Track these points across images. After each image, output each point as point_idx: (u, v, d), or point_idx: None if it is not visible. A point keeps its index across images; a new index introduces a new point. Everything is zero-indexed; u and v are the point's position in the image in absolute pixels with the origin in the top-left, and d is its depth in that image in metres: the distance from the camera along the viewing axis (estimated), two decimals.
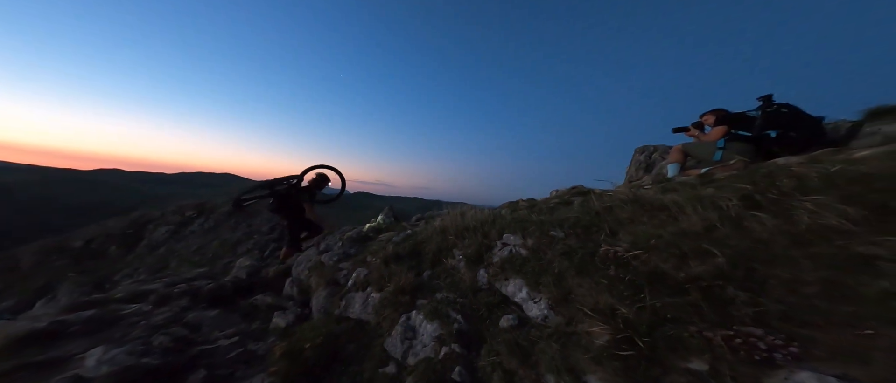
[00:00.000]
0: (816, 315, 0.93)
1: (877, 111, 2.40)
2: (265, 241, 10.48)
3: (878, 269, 0.89)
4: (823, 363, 0.84)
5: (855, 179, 1.11)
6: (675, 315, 1.19)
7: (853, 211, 1.01)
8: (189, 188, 57.69)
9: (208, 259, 8.73)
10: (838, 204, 1.05)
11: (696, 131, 3.55)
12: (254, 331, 2.27)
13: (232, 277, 3.13)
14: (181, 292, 2.76)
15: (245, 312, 2.53)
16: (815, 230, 1.07)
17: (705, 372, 1.04)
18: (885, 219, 0.98)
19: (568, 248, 1.96)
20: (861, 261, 0.93)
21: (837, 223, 1.03)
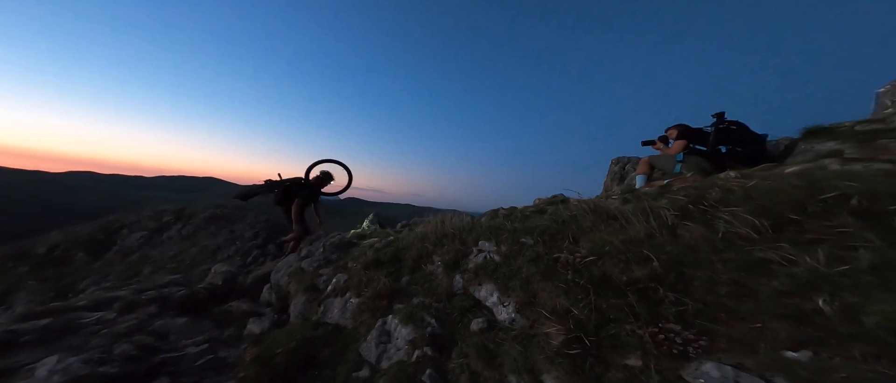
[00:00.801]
0: (724, 311, 1.09)
1: (812, 131, 2.70)
2: (248, 247, 10.20)
3: (772, 271, 1.06)
4: (724, 354, 0.99)
5: (766, 193, 1.30)
6: (617, 315, 1.33)
7: (759, 221, 1.19)
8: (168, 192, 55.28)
9: (185, 266, 8.41)
10: (749, 215, 1.23)
11: (661, 144, 3.83)
12: (226, 338, 2.26)
13: (206, 284, 3.08)
14: (150, 299, 2.69)
15: (218, 319, 2.51)
16: (728, 237, 1.24)
17: (638, 368, 1.17)
18: (781, 229, 1.16)
19: (536, 255, 2.09)
20: (760, 264, 1.10)
21: (745, 231, 1.20)
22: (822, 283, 0.94)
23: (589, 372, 1.27)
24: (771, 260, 1.08)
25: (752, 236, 1.18)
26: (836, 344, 0.83)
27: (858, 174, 1.19)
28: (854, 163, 1.66)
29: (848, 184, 1.08)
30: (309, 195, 4.36)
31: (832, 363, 0.80)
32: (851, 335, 0.82)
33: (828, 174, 1.25)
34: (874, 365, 0.75)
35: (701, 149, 3.08)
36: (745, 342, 0.97)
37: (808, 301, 0.93)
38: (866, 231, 0.97)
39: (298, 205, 4.24)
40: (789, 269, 1.02)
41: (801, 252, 1.03)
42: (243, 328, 2.37)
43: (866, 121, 2.38)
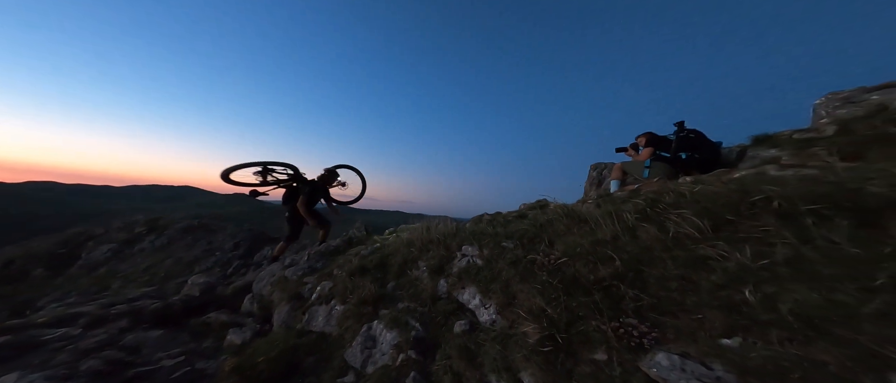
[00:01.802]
0: (673, 305, 1.22)
1: (759, 138, 2.99)
2: (228, 258, 9.81)
3: (710, 267, 1.21)
4: (673, 344, 1.11)
5: (709, 197, 1.46)
6: (585, 313, 1.44)
7: (702, 222, 1.35)
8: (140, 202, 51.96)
9: (159, 279, 7.99)
10: (694, 217, 1.39)
11: (632, 151, 4.08)
12: (204, 350, 2.21)
13: (182, 296, 2.99)
14: (119, 313, 2.59)
15: (195, 331, 2.45)
16: (677, 237, 1.39)
17: (603, 362, 1.28)
18: (720, 228, 1.32)
19: (515, 258, 2.20)
20: (702, 261, 1.25)
21: (691, 232, 1.36)
22: (748, 276, 1.09)
23: (560, 367, 1.37)
24: (710, 256, 1.23)
25: (696, 236, 1.33)
26: (759, 331, 0.97)
27: (783, 179, 1.37)
28: (788, 169, 1.88)
29: (771, 189, 1.25)
30: (313, 192, 4.18)
31: (755, 347, 0.94)
32: (770, 321, 0.96)
33: (758, 179, 1.43)
34: (788, 347, 0.89)
35: (665, 156, 3.33)
36: (688, 332, 1.10)
37: (737, 292, 1.07)
38: (784, 229, 1.13)
39: (303, 202, 4.05)
40: (724, 265, 1.17)
41: (733, 249, 1.18)
42: (223, 339, 2.33)
43: (803, 130, 2.68)
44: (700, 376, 0.97)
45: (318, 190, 4.29)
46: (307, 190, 4.13)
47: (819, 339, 0.84)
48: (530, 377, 1.44)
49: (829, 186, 1.15)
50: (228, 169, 3.71)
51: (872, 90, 3.15)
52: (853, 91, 3.21)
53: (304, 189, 4.14)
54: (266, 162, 3.98)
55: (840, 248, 0.98)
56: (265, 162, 3.98)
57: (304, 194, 4.10)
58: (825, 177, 1.25)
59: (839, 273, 0.93)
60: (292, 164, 4.17)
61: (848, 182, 1.14)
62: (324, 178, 4.42)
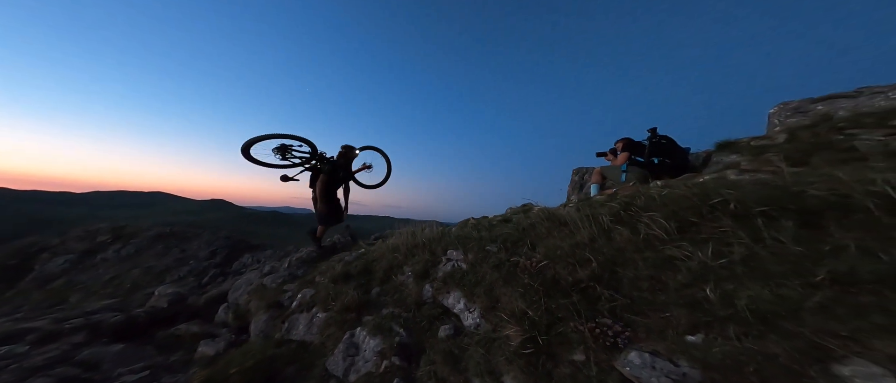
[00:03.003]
0: (645, 304, 1.29)
1: (723, 144, 3.22)
2: (203, 267, 9.29)
3: (676, 266, 1.29)
4: (644, 343, 1.17)
5: (675, 200, 1.56)
6: (564, 314, 1.48)
7: (669, 224, 1.44)
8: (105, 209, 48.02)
9: (125, 290, 7.43)
10: (662, 219, 1.47)
11: (611, 156, 4.27)
12: (173, 364, 2.08)
13: (148, 308, 2.80)
14: (74, 328, 2.39)
15: (163, 344, 2.30)
16: (647, 238, 1.47)
17: (581, 362, 1.32)
18: (684, 230, 1.41)
19: (498, 261, 2.23)
20: (669, 261, 1.33)
21: (659, 233, 1.44)
22: (709, 275, 1.17)
23: (541, 369, 1.40)
24: (676, 256, 1.31)
25: (664, 237, 1.41)
26: (719, 327, 1.04)
27: (739, 183, 1.49)
28: (745, 174, 2.04)
29: (728, 192, 1.36)
30: (333, 170, 3.98)
31: (716, 342, 1.01)
32: (728, 317, 1.03)
33: (718, 183, 1.54)
34: (744, 342, 0.96)
35: (640, 161, 3.51)
36: (658, 330, 1.16)
37: (700, 290, 1.15)
38: (739, 230, 1.22)
39: (322, 180, 3.86)
40: (688, 264, 1.25)
41: (696, 249, 1.27)
42: (194, 352, 2.20)
43: (759, 138, 2.91)
44: (668, 373, 1.02)
45: (338, 168, 4.08)
46: (327, 168, 3.94)
47: (770, 333, 0.91)
48: (513, 380, 1.45)
49: (776, 190, 1.27)
50: (248, 142, 3.53)
51: (817, 101, 3.49)
52: (801, 101, 3.53)
53: (324, 168, 3.94)
54: (284, 135, 3.79)
55: (786, 247, 1.07)
56: (283, 135, 3.78)
57: (325, 172, 3.90)
58: (774, 182, 1.37)
59: (786, 270, 1.02)
60: (310, 140, 3.95)
61: (793, 186, 1.25)
62: (343, 155, 4.21)
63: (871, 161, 1.41)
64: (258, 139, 3.58)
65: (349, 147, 4.25)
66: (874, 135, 1.82)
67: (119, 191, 66.10)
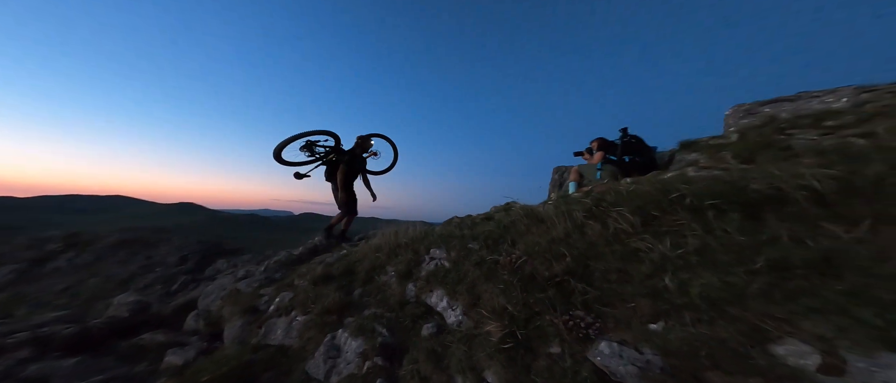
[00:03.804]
0: (614, 296, 1.37)
1: (685, 143, 3.46)
2: (172, 274, 8.71)
3: (640, 258, 1.38)
4: (613, 333, 1.25)
5: (640, 195, 1.67)
6: (541, 308, 1.54)
7: (634, 218, 1.54)
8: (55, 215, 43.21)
9: (82, 301, 6.82)
10: (629, 213, 1.57)
11: (587, 155, 4.45)
12: (136, 375, 1.94)
13: (106, 318, 2.58)
14: (19, 342, 2.16)
15: (125, 356, 2.14)
16: (616, 232, 1.57)
17: (557, 355, 1.38)
18: (648, 223, 1.52)
19: (480, 259, 2.27)
20: (634, 253, 1.42)
21: (626, 227, 1.54)
22: (668, 265, 1.27)
23: (520, 363, 1.44)
24: (640, 249, 1.40)
25: (630, 230, 1.51)
26: (676, 314, 1.13)
27: (694, 179, 1.62)
28: (703, 170, 2.21)
29: (685, 187, 1.47)
30: (352, 160, 4.04)
31: (674, 329, 1.09)
32: (684, 305, 1.12)
33: (677, 180, 1.67)
34: (698, 327, 1.05)
35: (613, 159, 3.70)
36: (625, 320, 1.24)
37: (660, 280, 1.24)
38: (694, 222, 1.34)
39: (343, 171, 3.89)
40: (650, 256, 1.35)
41: (657, 241, 1.37)
42: (160, 361, 2.07)
43: (716, 137, 3.16)
44: (634, 361, 1.10)
45: (356, 158, 4.14)
46: (346, 158, 4.00)
47: (719, 318, 1.00)
48: (494, 375, 1.50)
49: (725, 185, 1.39)
50: (278, 147, 3.65)
51: (765, 103, 3.83)
52: (752, 104, 3.86)
53: (343, 158, 4.00)
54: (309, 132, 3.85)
55: (732, 237, 1.19)
56: (308, 132, 3.85)
57: (344, 163, 3.95)
58: (724, 177, 1.51)
59: (732, 259, 1.13)
60: (333, 132, 4.04)
61: (738, 181, 1.38)
62: (360, 146, 4.26)
63: (803, 158, 1.59)
64: (287, 142, 3.73)
65: (365, 137, 4.30)
66: (808, 134, 2.04)
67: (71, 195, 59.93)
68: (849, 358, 0.70)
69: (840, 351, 0.72)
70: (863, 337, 0.71)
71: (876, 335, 0.70)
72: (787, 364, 0.78)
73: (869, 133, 1.56)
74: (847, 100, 3.15)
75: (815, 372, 0.73)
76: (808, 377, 0.72)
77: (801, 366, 0.76)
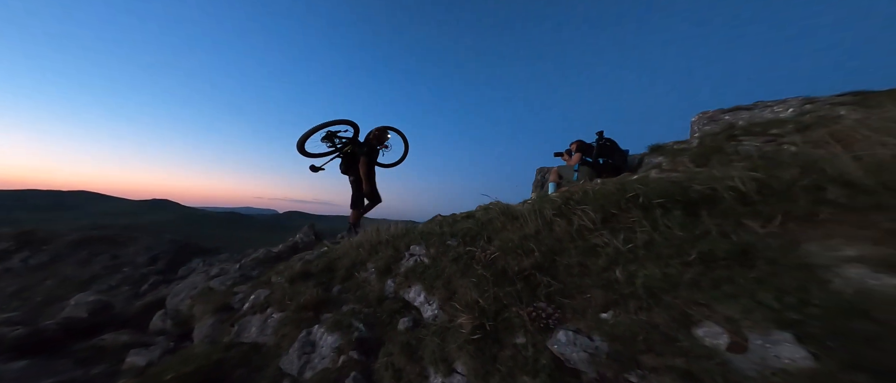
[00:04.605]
0: (574, 288, 1.48)
1: (654, 147, 3.68)
2: (142, 274, 8.25)
3: (598, 253, 1.50)
4: (570, 322, 1.35)
5: (602, 195, 1.80)
6: (509, 301, 1.63)
7: (595, 215, 1.66)
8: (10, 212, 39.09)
9: (35, 304, 6.34)
10: (592, 211, 1.69)
11: (566, 156, 4.63)
12: (94, 377, 1.86)
13: (61, 319, 2.44)
14: None
15: (82, 357, 2.04)
16: (579, 229, 1.68)
17: (522, 345, 1.47)
18: (607, 221, 1.65)
19: (457, 254, 2.34)
20: (593, 248, 1.54)
21: (588, 224, 1.66)
22: (620, 258, 1.39)
23: (487, 353, 1.52)
24: (599, 244, 1.52)
25: (591, 227, 1.63)
26: (623, 303, 1.24)
27: (652, 181, 1.77)
28: (665, 173, 2.39)
29: (640, 188, 1.61)
30: (371, 151, 4.06)
31: (620, 318, 1.20)
32: (629, 294, 1.24)
33: (636, 181, 1.81)
34: (639, 314, 1.16)
35: (589, 161, 3.88)
36: (581, 310, 1.35)
37: (613, 272, 1.36)
38: (644, 219, 1.46)
39: (364, 162, 3.90)
40: (606, 250, 1.47)
41: (613, 237, 1.49)
42: (122, 362, 1.99)
43: (681, 142, 3.39)
44: (585, 347, 1.20)
45: (374, 150, 4.16)
46: (365, 150, 4.00)
47: (656, 306, 1.12)
48: (463, 365, 1.57)
49: (673, 186, 1.53)
50: (301, 139, 3.68)
51: (726, 111, 4.14)
52: (714, 112, 4.17)
53: (362, 150, 3.99)
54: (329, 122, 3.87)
55: (673, 232, 1.32)
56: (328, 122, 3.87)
57: (364, 154, 3.95)
58: (675, 179, 1.65)
59: (672, 251, 1.26)
60: (353, 121, 4.04)
61: (685, 182, 1.53)
62: (377, 138, 4.27)
63: (742, 161, 1.76)
64: (310, 133, 3.75)
65: (382, 130, 4.35)
66: (755, 141, 2.26)
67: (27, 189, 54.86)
68: (750, 337, 0.82)
69: (744, 330, 0.84)
70: (761, 318, 0.83)
71: (772, 316, 0.82)
72: (704, 344, 0.90)
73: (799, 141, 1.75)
74: (792, 110, 3.48)
75: (724, 351, 0.84)
76: (718, 355, 0.84)
77: (714, 346, 0.87)
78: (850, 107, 2.52)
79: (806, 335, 0.74)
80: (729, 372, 0.78)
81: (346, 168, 4.14)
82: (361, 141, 4.23)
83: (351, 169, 4.14)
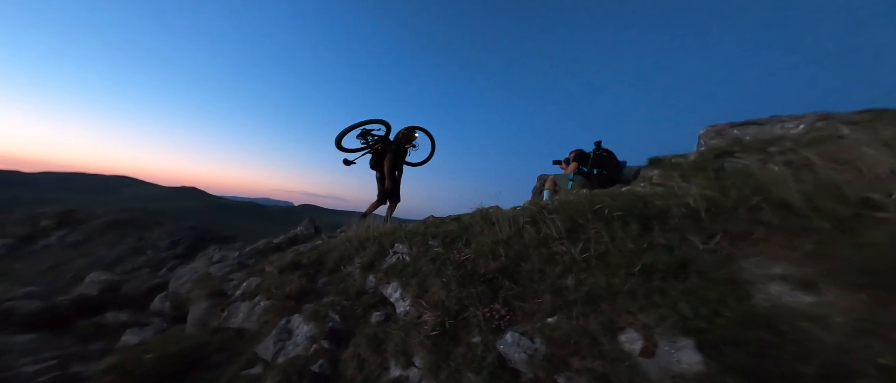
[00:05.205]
0: (530, 292, 1.51)
1: (653, 160, 3.59)
2: (162, 258, 8.83)
3: (556, 260, 1.52)
4: (519, 325, 1.39)
5: (572, 206, 1.81)
6: (471, 302, 1.68)
7: (563, 225, 1.68)
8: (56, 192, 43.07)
9: (65, 281, 6.94)
10: (559, 221, 1.71)
11: (564, 165, 4.59)
12: (90, 353, 2.04)
13: (75, 295, 2.69)
14: None
15: (85, 334, 2.24)
16: (545, 237, 1.71)
17: (476, 343, 1.52)
18: (572, 231, 1.66)
19: (435, 255, 2.41)
20: (554, 256, 1.56)
21: (554, 233, 1.68)
22: (574, 267, 1.41)
23: (443, 349, 1.58)
24: (558, 252, 1.55)
25: (555, 236, 1.65)
26: (568, 308, 1.27)
27: (621, 194, 1.76)
28: (652, 187, 2.35)
29: (606, 201, 1.62)
30: (397, 150, 4.24)
31: (562, 322, 1.23)
32: (574, 300, 1.26)
33: (606, 194, 1.81)
34: (579, 320, 1.18)
35: (584, 170, 3.84)
36: (531, 313, 1.38)
37: (565, 279, 1.38)
38: (605, 231, 1.47)
39: (389, 159, 4.08)
40: (564, 258, 1.49)
41: (572, 246, 1.51)
42: (117, 341, 2.18)
43: (680, 156, 3.30)
44: (527, 349, 1.24)
45: (401, 149, 4.33)
46: (393, 148, 4.16)
47: (593, 313, 1.14)
48: (420, 359, 1.64)
49: (636, 200, 1.53)
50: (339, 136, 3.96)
51: (736, 125, 3.96)
52: (723, 125, 4.00)
53: (390, 147, 4.16)
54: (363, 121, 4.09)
55: (626, 244, 1.32)
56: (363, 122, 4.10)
57: (391, 152, 4.11)
58: (641, 193, 1.65)
59: (621, 262, 1.27)
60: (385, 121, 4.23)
61: (648, 197, 1.52)
62: (405, 137, 4.45)
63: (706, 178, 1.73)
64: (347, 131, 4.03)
65: (410, 129, 4.52)
66: (747, 158, 2.18)
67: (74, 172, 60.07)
68: (660, 343, 0.83)
69: (656, 337, 0.85)
70: (672, 326, 0.84)
71: (682, 324, 0.83)
72: (623, 349, 0.92)
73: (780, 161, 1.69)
74: (803, 127, 3.29)
75: (636, 355, 0.86)
76: (630, 359, 0.86)
77: (629, 350, 0.89)
78: (856, 126, 2.38)
79: (706, 343, 0.75)
80: (636, 375, 0.80)
81: (374, 164, 4.34)
82: (391, 139, 4.40)
83: (379, 165, 4.32)
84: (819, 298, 0.73)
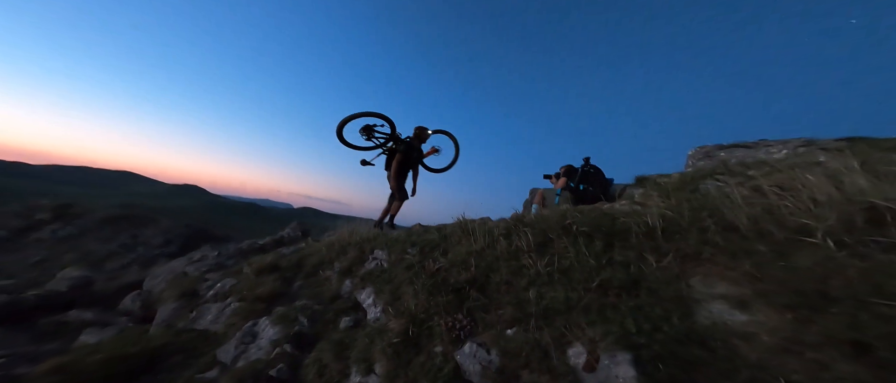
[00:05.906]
0: (494, 303, 1.48)
1: (639, 178, 3.60)
2: (153, 256, 8.76)
3: (523, 273, 1.50)
4: (479, 336, 1.35)
5: (545, 221, 1.81)
6: (437, 311, 1.65)
7: (534, 239, 1.66)
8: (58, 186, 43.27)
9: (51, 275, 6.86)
10: (531, 235, 1.70)
11: (554, 179, 4.60)
12: (42, 353, 1.94)
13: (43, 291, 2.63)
14: None
15: (44, 331, 2.17)
16: (515, 250, 1.69)
17: (437, 352, 1.47)
18: (541, 245, 1.65)
19: (411, 263, 2.38)
20: (522, 268, 1.54)
21: (524, 246, 1.66)
22: (537, 279, 1.39)
23: (404, 358, 1.53)
24: (526, 265, 1.52)
25: (525, 249, 1.63)
26: (526, 321, 1.23)
27: (590, 211, 1.76)
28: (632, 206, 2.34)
29: (576, 217, 1.61)
30: (408, 149, 4.02)
31: (520, 334, 1.20)
32: (535, 313, 1.23)
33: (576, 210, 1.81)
34: (533, 333, 1.15)
35: (572, 186, 3.84)
36: (492, 324, 1.35)
37: (527, 292, 1.35)
38: (571, 246, 1.46)
39: (398, 159, 3.88)
40: (530, 271, 1.47)
41: (538, 259, 1.49)
42: (75, 340, 2.11)
43: (665, 176, 3.30)
44: (482, 360, 1.20)
45: (412, 149, 4.09)
46: (402, 148, 3.97)
47: (548, 326, 1.11)
48: (381, 367, 1.59)
49: (604, 217, 1.52)
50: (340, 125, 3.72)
51: (724, 147, 3.99)
52: (711, 147, 4.03)
53: (399, 147, 3.97)
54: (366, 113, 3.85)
55: (588, 260, 1.31)
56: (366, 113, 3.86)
57: (400, 152, 3.92)
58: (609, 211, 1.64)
59: (582, 277, 1.25)
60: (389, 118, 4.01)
61: (617, 215, 1.52)
62: (417, 137, 4.24)
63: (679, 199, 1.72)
64: (347, 120, 3.80)
65: (422, 128, 4.34)
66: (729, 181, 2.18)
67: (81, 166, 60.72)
68: (602, 357, 0.81)
69: (599, 351, 0.83)
70: (614, 341, 0.81)
71: (624, 339, 0.80)
72: (568, 363, 0.89)
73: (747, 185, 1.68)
74: (786, 152, 3.31)
75: (580, 369, 0.83)
76: (574, 373, 0.83)
77: (574, 365, 0.86)
78: (833, 154, 2.39)
79: (644, 357, 0.73)
80: None
81: (388, 164, 4.13)
82: (403, 138, 4.19)
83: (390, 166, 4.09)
84: (751, 317, 0.72)
